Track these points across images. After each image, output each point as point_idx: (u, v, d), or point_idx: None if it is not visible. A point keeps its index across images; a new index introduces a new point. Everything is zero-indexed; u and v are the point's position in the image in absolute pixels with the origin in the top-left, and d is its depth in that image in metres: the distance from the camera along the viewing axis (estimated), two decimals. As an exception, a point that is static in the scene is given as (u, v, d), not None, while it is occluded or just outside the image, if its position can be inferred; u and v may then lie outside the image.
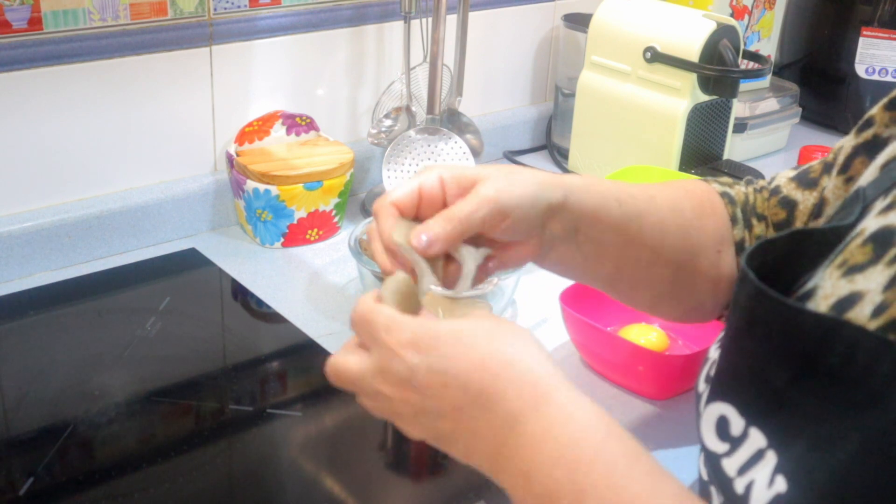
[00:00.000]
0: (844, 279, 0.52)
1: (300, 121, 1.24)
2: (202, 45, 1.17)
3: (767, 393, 0.52)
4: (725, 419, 0.54)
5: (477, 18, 1.40)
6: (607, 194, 0.71)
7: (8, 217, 1.08)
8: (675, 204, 0.76)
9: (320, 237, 1.22)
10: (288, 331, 1.02)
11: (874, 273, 0.51)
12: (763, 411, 0.52)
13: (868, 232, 0.54)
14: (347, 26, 1.29)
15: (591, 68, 1.37)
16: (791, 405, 0.50)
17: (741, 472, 0.52)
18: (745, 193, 0.81)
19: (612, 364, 0.94)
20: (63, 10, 1.05)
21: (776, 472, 0.50)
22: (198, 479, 0.81)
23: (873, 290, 0.50)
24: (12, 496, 0.77)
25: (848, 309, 0.50)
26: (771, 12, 1.56)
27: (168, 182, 1.19)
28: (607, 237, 0.72)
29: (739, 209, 0.79)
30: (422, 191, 0.64)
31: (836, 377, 0.48)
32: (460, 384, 0.55)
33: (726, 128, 1.37)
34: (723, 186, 0.81)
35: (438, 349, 0.55)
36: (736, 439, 0.53)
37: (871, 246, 0.53)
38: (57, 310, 1.05)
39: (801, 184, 0.78)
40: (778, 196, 0.79)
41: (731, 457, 0.53)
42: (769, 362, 0.52)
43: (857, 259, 0.53)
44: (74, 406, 0.88)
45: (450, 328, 0.56)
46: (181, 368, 0.96)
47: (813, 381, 0.49)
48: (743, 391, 0.54)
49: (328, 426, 0.91)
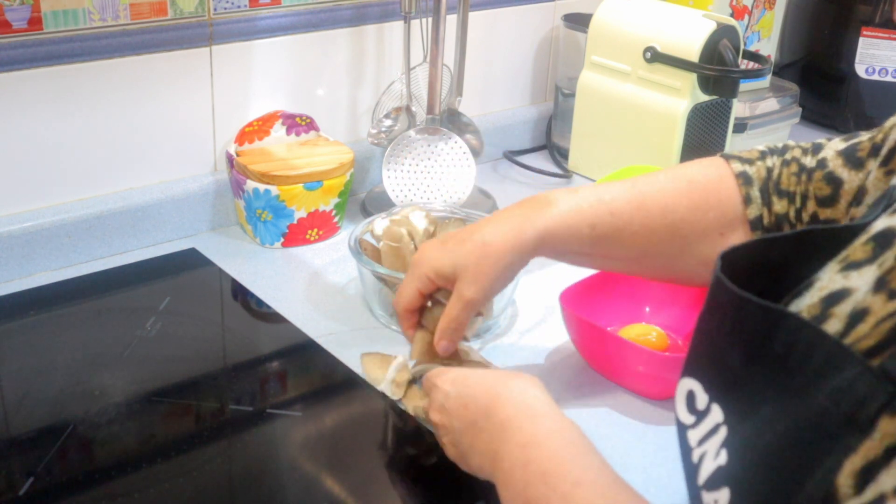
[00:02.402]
0: (840, 274, 0.54)
1: (300, 121, 1.24)
2: (202, 45, 1.17)
3: (725, 372, 0.55)
4: (693, 393, 0.58)
5: (477, 18, 1.40)
6: (581, 223, 0.82)
7: (8, 217, 1.08)
8: (668, 205, 0.83)
9: (320, 237, 1.22)
10: (288, 331, 1.02)
11: (868, 272, 0.52)
12: (722, 389, 0.55)
13: (875, 230, 0.55)
14: (347, 26, 1.29)
15: (591, 68, 1.37)
16: (744, 385, 0.53)
17: (699, 444, 0.56)
18: (767, 169, 0.82)
19: (612, 364, 0.94)
20: (63, 10, 1.05)
21: (722, 445, 0.54)
22: (198, 479, 0.81)
23: (861, 289, 0.51)
24: (12, 496, 0.77)
25: (835, 304, 0.52)
26: (771, 12, 1.56)
27: (168, 182, 1.19)
28: (586, 256, 0.86)
29: (757, 188, 0.82)
30: (422, 293, 0.88)
31: (780, 364, 0.50)
32: (474, 404, 0.74)
33: (726, 128, 1.37)
34: (743, 165, 0.83)
35: (466, 383, 0.76)
36: (700, 413, 0.57)
37: (872, 245, 0.54)
38: (57, 310, 1.05)
39: (847, 161, 0.78)
40: (824, 170, 0.79)
41: (695, 429, 0.57)
42: (726, 344, 0.55)
43: (857, 256, 0.54)
44: (74, 406, 0.88)
45: (478, 374, 0.78)
46: (181, 368, 0.96)
47: (762, 365, 0.52)
48: (707, 369, 0.57)
49: (328, 426, 0.91)
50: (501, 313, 1.05)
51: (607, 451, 0.85)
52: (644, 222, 0.82)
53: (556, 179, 1.43)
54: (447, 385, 0.77)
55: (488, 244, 0.81)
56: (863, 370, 0.46)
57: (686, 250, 0.83)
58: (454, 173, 1.25)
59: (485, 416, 0.72)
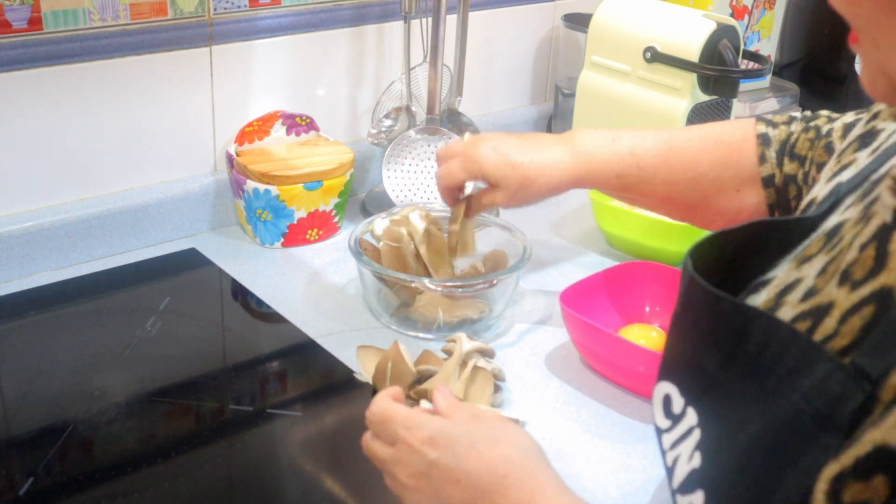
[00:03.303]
0: (795, 270, 0.55)
1: (300, 121, 1.24)
2: (202, 45, 1.17)
3: (700, 375, 0.55)
4: (669, 398, 0.58)
5: (477, 18, 1.40)
6: (609, 173, 0.93)
7: (8, 217, 1.08)
8: (692, 161, 0.90)
9: (320, 237, 1.22)
10: (288, 331, 1.02)
11: (816, 261, 0.54)
12: (698, 392, 0.55)
13: (828, 226, 0.56)
14: (347, 26, 1.29)
15: (591, 68, 1.37)
16: (720, 388, 0.53)
17: (672, 447, 0.56)
18: (788, 132, 0.87)
19: (612, 364, 0.94)
20: (63, 10, 1.05)
21: (696, 448, 0.53)
22: (198, 479, 0.81)
23: (810, 275, 0.53)
24: (12, 496, 0.77)
25: (787, 294, 0.53)
26: (771, 12, 1.56)
27: (168, 182, 1.19)
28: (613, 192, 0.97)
29: (773, 149, 0.87)
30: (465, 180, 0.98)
31: (754, 364, 0.50)
32: (471, 483, 0.63)
33: (726, 128, 1.37)
34: (767, 127, 0.89)
35: (453, 448, 0.64)
36: (676, 416, 0.57)
37: (824, 238, 0.55)
38: (57, 310, 1.05)
39: (844, 133, 0.80)
40: (828, 139, 0.83)
41: (669, 433, 0.57)
42: (701, 346, 0.55)
43: (811, 251, 0.55)
44: (74, 406, 0.88)
45: (463, 431, 0.65)
46: (181, 368, 0.96)
47: (736, 365, 0.52)
48: (682, 372, 0.57)
49: (328, 426, 0.91)
50: (502, 313, 1.05)
51: (607, 451, 0.85)
52: (667, 176, 0.91)
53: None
54: (427, 449, 0.65)
55: (530, 181, 0.93)
56: (834, 368, 0.46)
57: (705, 201, 0.91)
58: (454, 173, 1.25)
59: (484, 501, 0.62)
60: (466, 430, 0.65)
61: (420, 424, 0.66)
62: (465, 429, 0.65)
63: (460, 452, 0.63)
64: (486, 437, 0.65)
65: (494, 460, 0.63)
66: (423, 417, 0.67)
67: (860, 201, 0.56)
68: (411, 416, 0.67)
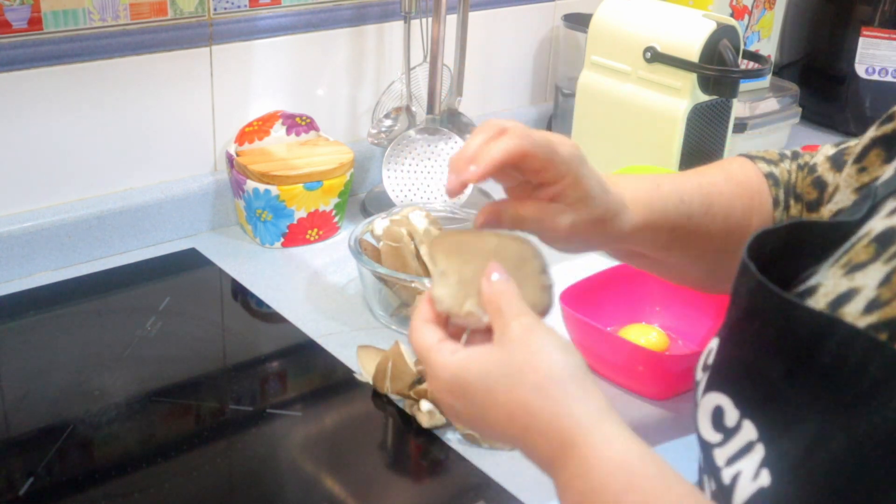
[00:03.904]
0: (846, 278, 0.52)
1: (300, 121, 1.24)
2: (202, 45, 1.17)
3: (762, 386, 0.52)
4: (721, 409, 0.54)
5: (477, 18, 1.40)
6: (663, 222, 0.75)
7: (8, 217, 1.08)
8: (728, 209, 0.78)
9: (320, 237, 1.22)
10: (288, 331, 1.02)
11: (872, 270, 0.51)
12: (757, 404, 0.52)
13: (875, 232, 0.54)
14: (347, 26, 1.29)
15: (591, 68, 1.37)
16: (784, 399, 0.50)
17: (729, 463, 0.53)
18: (788, 171, 0.81)
19: (612, 364, 0.94)
20: (63, 10, 1.05)
21: (762, 465, 0.50)
22: (198, 479, 0.81)
23: (869, 285, 0.50)
24: (12, 496, 0.77)
25: (843, 304, 0.50)
26: (771, 12, 1.56)
27: (168, 182, 1.19)
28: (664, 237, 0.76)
29: (782, 190, 0.80)
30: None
31: (828, 375, 0.48)
32: (498, 433, 0.58)
33: (726, 128, 1.37)
34: (769, 166, 0.81)
35: (470, 397, 0.58)
36: (729, 430, 0.53)
37: (875, 245, 0.53)
38: (57, 310, 1.05)
39: (833, 164, 0.77)
40: (814, 175, 0.79)
41: (722, 447, 0.53)
42: (765, 355, 0.52)
43: (861, 258, 0.53)
44: (74, 406, 0.88)
45: (478, 373, 0.58)
46: (181, 368, 0.96)
47: (806, 377, 0.49)
48: (739, 383, 0.54)
49: (328, 426, 0.91)
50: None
51: (607, 451, 0.85)
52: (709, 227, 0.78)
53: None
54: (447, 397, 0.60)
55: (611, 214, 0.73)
56: None
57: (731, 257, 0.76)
58: (454, 173, 1.25)
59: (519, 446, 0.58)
60: (481, 371, 0.58)
61: (436, 372, 0.60)
62: (479, 370, 0.58)
63: (478, 402, 0.58)
64: (502, 376, 0.57)
65: (512, 410, 0.56)
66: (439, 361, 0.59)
67: None
68: (430, 356, 0.60)
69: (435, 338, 0.61)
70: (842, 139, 0.81)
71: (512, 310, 0.59)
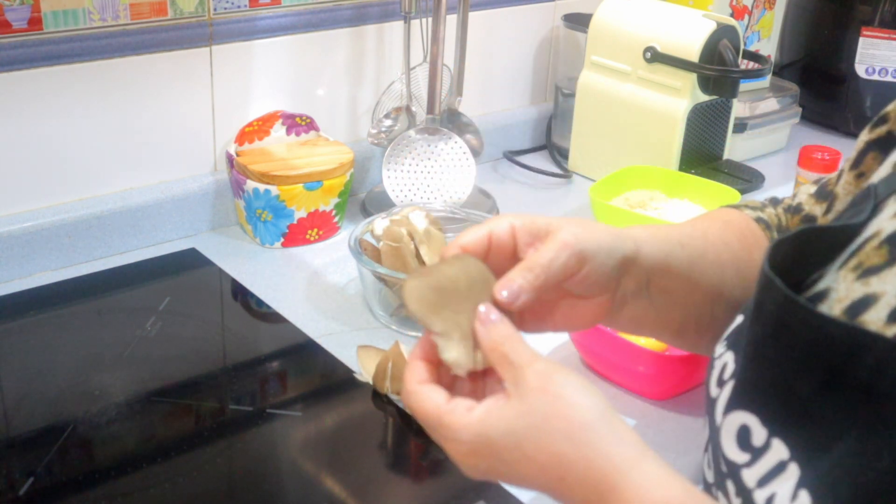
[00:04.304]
0: (859, 282, 0.51)
1: (300, 121, 1.24)
2: (202, 45, 1.17)
3: (792, 403, 0.50)
4: (747, 428, 0.53)
5: (477, 18, 1.40)
6: (671, 240, 0.70)
7: (8, 217, 1.08)
8: (724, 238, 0.74)
9: (320, 237, 1.22)
10: (288, 331, 1.02)
11: (890, 275, 0.50)
12: (787, 422, 0.50)
13: (885, 234, 0.53)
14: (347, 26, 1.29)
15: (591, 68, 1.37)
16: (817, 417, 0.48)
17: (761, 484, 0.51)
18: (776, 215, 0.79)
19: (612, 364, 0.94)
20: (63, 10, 1.05)
21: (799, 486, 0.48)
22: (198, 479, 0.81)
23: (889, 292, 0.49)
24: (12, 496, 0.77)
25: (862, 312, 0.49)
26: (771, 12, 1.56)
27: (168, 182, 1.19)
28: (675, 284, 0.69)
29: (775, 232, 0.77)
30: (492, 237, 0.61)
31: (865, 391, 0.46)
32: (530, 485, 0.55)
33: (726, 128, 1.38)
34: (755, 212, 0.78)
35: (499, 456, 0.55)
36: (758, 450, 0.52)
37: (888, 248, 0.52)
38: (57, 310, 1.05)
39: (819, 197, 0.77)
40: (801, 214, 0.77)
41: (751, 467, 0.52)
42: (795, 372, 0.50)
43: (873, 261, 0.52)
44: (74, 406, 0.88)
45: (503, 430, 0.54)
46: (181, 368, 0.96)
47: (840, 393, 0.48)
48: (767, 401, 0.52)
49: (328, 426, 0.91)
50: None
51: (607, 451, 0.85)
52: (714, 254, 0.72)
53: (556, 179, 1.43)
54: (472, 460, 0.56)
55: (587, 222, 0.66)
56: None
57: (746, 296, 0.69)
58: (454, 173, 1.25)
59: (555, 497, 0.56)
60: (506, 427, 0.54)
61: (456, 435, 0.55)
62: (504, 426, 0.54)
63: (507, 459, 0.54)
64: (529, 429, 0.54)
65: (544, 462, 0.53)
66: (456, 422, 0.55)
67: None
68: (444, 420, 0.56)
69: (441, 398, 0.57)
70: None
71: (522, 357, 0.55)
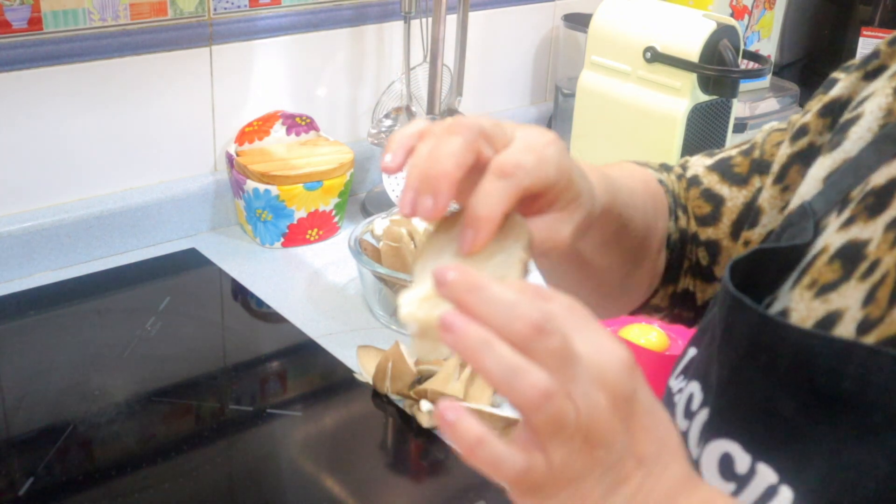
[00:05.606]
0: (818, 300, 0.51)
1: (300, 121, 1.24)
2: (202, 45, 1.17)
3: (776, 424, 0.49)
4: (729, 456, 0.51)
5: (477, 18, 1.40)
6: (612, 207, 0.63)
7: (8, 217, 1.08)
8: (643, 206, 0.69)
9: (320, 237, 1.22)
10: (288, 331, 1.02)
11: (848, 289, 0.50)
12: (771, 444, 0.49)
13: (833, 248, 0.52)
14: (347, 26, 1.29)
15: (591, 68, 1.37)
16: (803, 435, 0.48)
17: None
18: (672, 181, 0.73)
19: (612, 364, 0.94)
20: (63, 10, 1.05)
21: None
22: (198, 479, 0.81)
23: (852, 306, 0.49)
24: (12, 496, 0.77)
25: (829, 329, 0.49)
26: (771, 12, 1.56)
27: (168, 182, 1.19)
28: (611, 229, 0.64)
29: (671, 198, 0.71)
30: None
31: (850, 402, 0.46)
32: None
33: (726, 128, 1.37)
34: (657, 173, 0.73)
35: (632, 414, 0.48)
36: (742, 477, 0.50)
37: (840, 262, 0.51)
38: (57, 310, 1.05)
39: (725, 177, 0.72)
40: (699, 187, 0.72)
41: (739, 496, 0.50)
42: (776, 391, 0.49)
43: (828, 277, 0.51)
44: (74, 406, 0.88)
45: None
46: (181, 368, 0.96)
47: (824, 408, 0.47)
48: (748, 425, 0.51)
49: (328, 426, 0.91)
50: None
51: (607, 451, 0.85)
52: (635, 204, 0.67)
53: (556, 179, 1.43)
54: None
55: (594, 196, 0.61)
56: None
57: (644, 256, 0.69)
58: (454, 173, 1.25)
59: None
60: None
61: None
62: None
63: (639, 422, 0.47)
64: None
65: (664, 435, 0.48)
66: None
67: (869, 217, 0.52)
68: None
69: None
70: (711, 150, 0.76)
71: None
